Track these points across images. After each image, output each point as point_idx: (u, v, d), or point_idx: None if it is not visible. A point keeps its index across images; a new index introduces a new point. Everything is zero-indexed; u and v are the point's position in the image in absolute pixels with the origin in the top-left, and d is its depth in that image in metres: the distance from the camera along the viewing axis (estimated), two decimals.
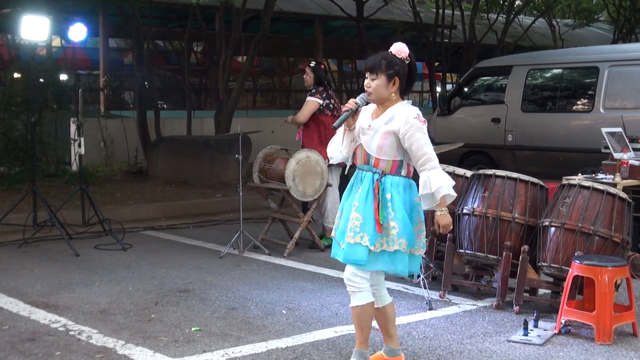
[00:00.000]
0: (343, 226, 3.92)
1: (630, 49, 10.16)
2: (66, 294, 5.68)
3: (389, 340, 4.13)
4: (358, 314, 3.94)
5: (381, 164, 3.86)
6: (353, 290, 3.92)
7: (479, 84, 11.27)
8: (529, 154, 9.78)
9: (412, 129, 3.78)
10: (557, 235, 5.14)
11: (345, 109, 3.89)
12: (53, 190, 9.74)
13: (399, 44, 3.95)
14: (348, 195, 3.99)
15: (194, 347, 4.50)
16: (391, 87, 3.85)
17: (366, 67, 3.89)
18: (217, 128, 12.51)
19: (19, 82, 11.36)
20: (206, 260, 6.96)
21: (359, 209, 3.83)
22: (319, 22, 17.72)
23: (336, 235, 3.98)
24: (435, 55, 16.79)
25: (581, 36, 20.90)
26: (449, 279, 5.66)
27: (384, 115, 3.87)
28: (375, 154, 3.87)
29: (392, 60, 3.85)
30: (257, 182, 7.47)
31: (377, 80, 3.84)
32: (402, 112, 3.83)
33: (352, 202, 3.90)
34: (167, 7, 15.71)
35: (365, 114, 3.97)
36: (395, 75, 3.84)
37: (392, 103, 3.89)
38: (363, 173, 3.92)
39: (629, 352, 4.51)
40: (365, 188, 3.86)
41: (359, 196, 3.86)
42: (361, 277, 3.89)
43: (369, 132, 3.89)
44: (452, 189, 3.84)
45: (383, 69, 3.84)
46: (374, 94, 3.87)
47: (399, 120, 3.81)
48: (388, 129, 3.83)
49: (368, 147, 3.88)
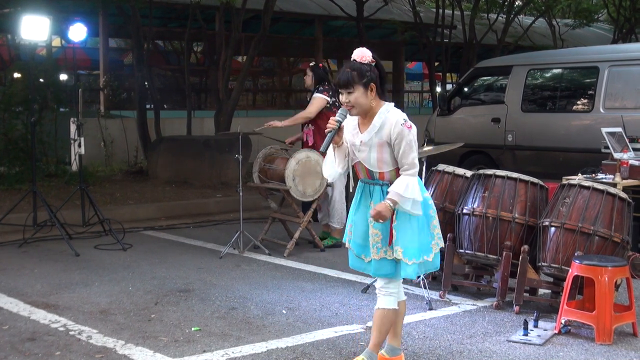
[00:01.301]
0: (361, 240, 3.95)
1: (630, 49, 10.16)
2: (66, 294, 5.68)
3: (392, 338, 4.12)
4: (381, 316, 3.96)
5: (386, 176, 3.86)
6: (384, 293, 3.95)
7: (479, 84, 11.27)
8: (529, 154, 9.78)
9: (401, 136, 3.75)
10: (557, 235, 5.14)
11: (327, 130, 3.85)
12: (53, 190, 9.74)
13: (360, 50, 3.88)
14: (357, 207, 3.98)
15: (194, 347, 4.50)
16: (370, 95, 3.80)
17: (339, 84, 3.82)
18: (217, 128, 12.51)
19: (19, 82, 11.36)
20: (206, 260, 6.96)
21: (377, 225, 3.84)
22: (319, 22, 17.73)
23: (353, 248, 4.01)
24: (435, 55, 16.80)
25: (581, 36, 20.91)
26: (449, 279, 5.66)
27: (372, 127, 3.83)
28: (377, 169, 3.86)
29: (361, 68, 3.79)
30: (257, 182, 7.47)
31: (354, 93, 3.78)
32: (390, 119, 3.80)
33: (365, 217, 3.91)
34: (167, 7, 15.72)
35: (351, 127, 3.92)
36: (370, 81, 3.79)
37: (375, 110, 3.84)
38: (371, 187, 3.92)
39: (629, 352, 4.51)
40: (377, 202, 3.85)
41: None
42: (395, 283, 3.96)
43: (363, 149, 3.86)
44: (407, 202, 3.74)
45: (357, 80, 3.78)
46: (356, 107, 3.81)
47: (388, 129, 3.78)
48: (380, 141, 3.80)
49: (368, 164, 3.87)
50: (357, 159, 3.92)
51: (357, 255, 4.01)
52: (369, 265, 3.96)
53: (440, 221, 5.88)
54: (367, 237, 3.93)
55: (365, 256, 3.97)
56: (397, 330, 4.13)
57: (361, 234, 3.95)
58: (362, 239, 3.95)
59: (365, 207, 3.93)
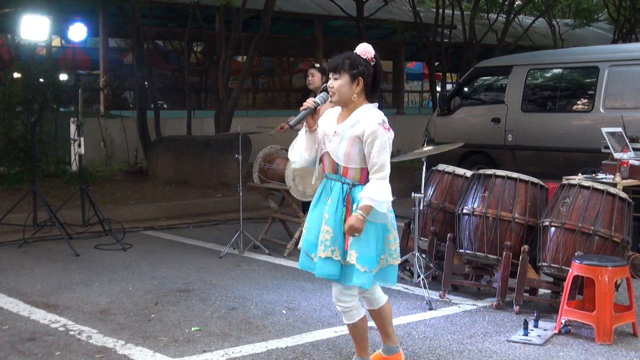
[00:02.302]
0: (313, 237, 3.80)
1: (630, 49, 10.16)
2: (66, 294, 5.68)
3: (387, 339, 4.11)
4: (352, 329, 3.91)
5: (350, 173, 3.72)
6: (343, 309, 3.84)
7: (479, 84, 11.27)
8: (529, 154, 9.78)
9: (374, 134, 3.63)
10: (557, 235, 5.14)
11: (303, 107, 3.76)
12: (53, 190, 9.74)
13: (365, 45, 3.80)
14: (315, 204, 3.85)
15: (194, 347, 4.50)
16: (354, 88, 3.71)
17: (329, 68, 3.75)
18: (217, 128, 12.52)
19: (19, 82, 11.36)
20: (206, 260, 6.96)
21: (329, 222, 3.71)
22: (319, 22, 17.73)
23: (304, 247, 3.86)
24: (435, 55, 16.80)
25: (581, 36, 20.91)
26: (449, 279, 5.66)
27: (349, 119, 3.73)
28: (343, 163, 3.72)
29: (356, 59, 3.71)
30: (257, 182, 7.47)
31: (339, 80, 3.70)
32: (367, 116, 3.69)
33: (321, 213, 3.77)
34: (167, 7, 15.72)
35: (331, 118, 3.84)
36: (359, 75, 3.70)
37: (357, 105, 3.75)
38: (332, 183, 3.78)
39: (629, 352, 4.51)
40: (335, 199, 3.73)
41: (328, 208, 3.73)
42: (349, 295, 3.80)
43: (334, 139, 3.74)
44: (382, 205, 3.60)
45: (346, 68, 3.69)
46: (336, 94, 3.72)
47: (363, 124, 3.67)
48: (353, 134, 3.68)
49: (335, 156, 3.74)
50: (326, 149, 3.79)
51: (307, 253, 3.84)
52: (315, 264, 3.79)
53: (440, 221, 5.98)
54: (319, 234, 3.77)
55: (315, 255, 3.79)
56: (389, 332, 4.08)
57: (314, 231, 3.79)
58: (314, 236, 3.79)
59: (323, 203, 3.79)
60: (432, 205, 6.00)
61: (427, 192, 6.00)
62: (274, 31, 16.08)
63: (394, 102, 21.49)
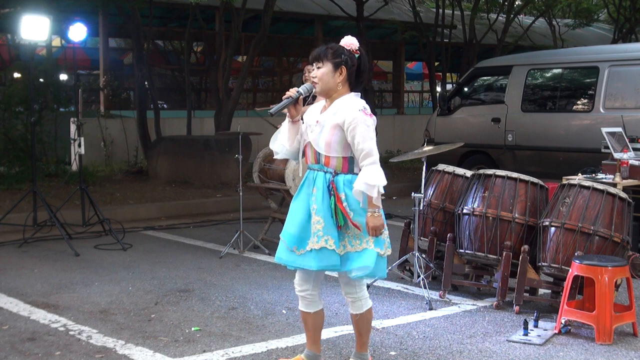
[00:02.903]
0: (296, 230, 3.75)
1: (630, 49, 10.17)
2: (66, 294, 5.68)
3: (313, 345, 4.02)
4: (359, 320, 3.89)
5: (332, 162, 3.70)
6: (353, 300, 3.84)
7: (479, 84, 11.28)
8: (529, 154, 9.79)
9: (356, 121, 3.61)
10: (557, 235, 5.14)
11: (285, 96, 3.73)
12: (53, 190, 9.73)
13: (349, 37, 3.80)
14: (297, 195, 3.83)
15: (194, 347, 4.50)
16: (337, 77, 3.69)
17: (312, 57, 3.74)
18: (217, 128, 12.51)
19: (19, 82, 11.36)
20: (206, 260, 6.96)
21: (319, 212, 3.68)
22: (319, 22, 17.72)
23: (285, 240, 3.79)
24: (435, 55, 16.80)
25: (581, 36, 20.92)
26: (449, 279, 5.66)
27: (331, 108, 3.72)
28: (324, 152, 3.70)
29: (338, 49, 3.72)
30: (257, 182, 7.47)
31: (323, 69, 3.70)
32: (348, 104, 3.68)
33: (305, 205, 3.75)
34: (167, 7, 15.71)
35: (315, 110, 3.83)
36: (342, 64, 3.69)
37: (340, 95, 3.73)
38: (315, 173, 3.76)
39: (629, 352, 4.51)
40: (319, 189, 3.70)
41: (315, 198, 3.71)
42: (358, 286, 3.82)
43: (316, 128, 3.73)
44: (374, 189, 3.57)
45: (329, 56, 3.69)
46: (319, 83, 3.70)
47: (343, 112, 3.65)
48: (334, 122, 3.66)
49: (316, 145, 3.72)
50: (308, 139, 3.78)
51: (289, 247, 3.76)
52: (302, 257, 3.72)
53: (440, 221, 5.98)
54: (305, 227, 3.72)
55: (298, 248, 3.73)
56: (317, 337, 4.01)
57: (298, 224, 3.74)
58: (299, 229, 3.74)
59: (307, 194, 3.76)
60: (432, 205, 6.00)
61: (427, 192, 6.01)
62: (274, 31, 16.08)
63: (394, 102, 21.50)
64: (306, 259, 3.72)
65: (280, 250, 3.84)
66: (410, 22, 17.03)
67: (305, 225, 3.73)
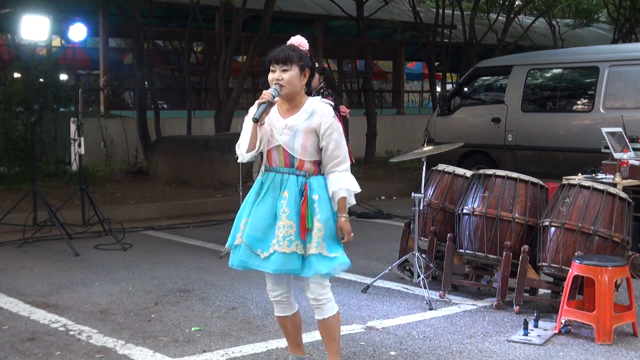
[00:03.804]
0: (261, 233, 3.68)
1: (630, 49, 10.17)
2: (66, 294, 5.68)
3: (297, 349, 3.98)
4: (329, 325, 3.77)
5: (306, 165, 3.68)
6: (323, 302, 3.73)
7: (479, 84, 11.28)
8: (529, 154, 9.79)
9: (332, 128, 3.63)
10: (557, 235, 5.14)
11: (261, 101, 3.62)
12: (53, 190, 9.73)
13: (298, 37, 3.75)
14: (261, 198, 3.74)
15: (194, 347, 4.50)
16: (303, 80, 3.67)
17: (276, 59, 3.64)
18: (217, 128, 12.52)
19: (19, 82, 11.37)
20: (206, 260, 6.96)
21: (291, 216, 3.63)
22: (319, 22, 17.73)
23: (249, 243, 3.71)
24: (435, 55, 16.81)
25: (581, 36, 20.92)
26: (449, 279, 5.66)
27: (302, 113, 3.67)
28: (299, 156, 3.67)
29: (300, 52, 3.68)
30: None
31: (290, 72, 3.63)
32: (321, 109, 3.67)
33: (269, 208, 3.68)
34: (167, 7, 15.72)
35: (273, 111, 3.74)
36: (306, 66, 3.67)
37: (302, 98, 3.71)
38: (283, 176, 3.71)
39: (629, 352, 4.51)
40: (292, 192, 3.66)
41: (286, 202, 3.65)
42: (327, 286, 3.73)
43: (286, 132, 3.67)
44: (352, 195, 3.66)
45: (295, 60, 3.64)
46: (288, 86, 3.63)
47: (319, 118, 3.64)
48: (309, 128, 3.64)
49: (291, 149, 3.67)
50: (276, 142, 3.71)
51: (252, 250, 3.70)
52: (266, 261, 3.66)
53: (440, 221, 5.97)
54: (270, 230, 3.65)
55: (262, 251, 3.67)
56: (299, 341, 3.98)
57: (263, 227, 3.67)
58: (262, 232, 3.67)
59: (274, 198, 3.69)
60: (432, 205, 6.00)
61: (427, 192, 6.00)
62: (274, 31, 16.08)
63: (394, 102, 21.51)
64: (265, 263, 3.68)
65: (240, 254, 3.78)
66: (410, 22, 17.04)
67: (269, 229, 3.68)
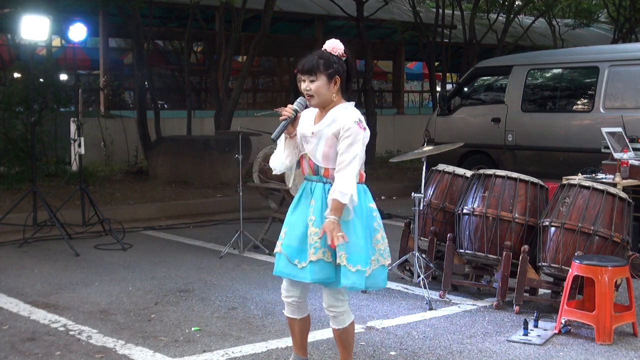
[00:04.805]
0: (296, 242, 3.64)
1: (630, 49, 10.17)
2: (66, 294, 5.68)
3: (300, 350, 3.95)
4: (341, 334, 3.75)
5: (331, 173, 3.58)
6: (335, 315, 3.70)
7: (479, 84, 11.28)
8: (529, 154, 9.79)
9: (349, 132, 3.52)
10: (557, 235, 5.14)
11: (282, 117, 3.61)
12: (53, 190, 9.72)
13: (333, 41, 3.70)
14: (295, 207, 3.72)
15: (194, 347, 4.50)
16: (332, 88, 3.59)
17: (303, 70, 3.60)
18: (217, 128, 12.51)
19: (19, 82, 11.36)
20: (206, 260, 6.96)
21: (316, 224, 3.57)
22: (319, 22, 17.72)
23: (287, 253, 3.67)
24: (435, 55, 16.80)
25: (581, 36, 20.91)
26: (449, 279, 5.66)
27: (326, 119, 3.61)
28: (322, 164, 3.62)
29: (329, 58, 3.60)
30: (257, 182, 7.47)
31: (317, 82, 3.57)
32: (344, 115, 3.58)
33: (303, 216, 3.65)
34: (167, 7, 15.71)
35: (307, 119, 3.71)
36: (335, 74, 3.58)
37: (334, 105, 3.63)
38: (313, 184, 3.67)
39: (629, 352, 4.51)
40: (318, 200, 3.61)
41: (313, 210, 3.61)
42: (341, 300, 3.68)
43: (312, 140, 3.63)
44: (346, 197, 3.46)
45: (322, 68, 3.57)
46: (316, 97, 3.59)
47: (340, 123, 3.56)
48: (330, 133, 3.57)
49: (314, 157, 3.63)
50: (304, 150, 3.69)
51: (290, 260, 3.64)
52: (303, 271, 3.61)
53: (440, 221, 5.98)
54: (304, 239, 3.62)
55: (300, 261, 3.62)
56: (305, 344, 3.95)
57: (298, 236, 3.65)
58: (299, 241, 3.64)
59: (305, 206, 3.67)
60: (432, 205, 6.00)
61: (427, 192, 6.00)
62: (274, 31, 16.08)
63: (394, 102, 21.49)
64: (302, 273, 3.63)
65: (280, 263, 3.72)
66: (410, 22, 17.03)
67: (304, 237, 3.65)
